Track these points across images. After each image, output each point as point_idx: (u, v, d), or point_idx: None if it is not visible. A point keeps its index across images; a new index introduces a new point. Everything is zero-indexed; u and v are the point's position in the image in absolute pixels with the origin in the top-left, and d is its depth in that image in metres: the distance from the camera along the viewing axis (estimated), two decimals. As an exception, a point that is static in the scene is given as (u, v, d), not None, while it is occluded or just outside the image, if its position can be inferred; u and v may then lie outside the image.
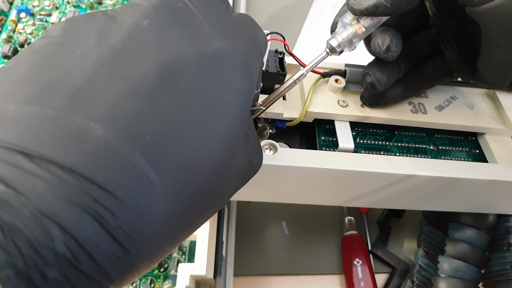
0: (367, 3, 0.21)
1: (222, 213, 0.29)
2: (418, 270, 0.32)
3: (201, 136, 0.14)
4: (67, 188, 0.11)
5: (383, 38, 0.22)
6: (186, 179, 0.13)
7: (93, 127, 0.12)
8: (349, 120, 0.27)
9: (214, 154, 0.14)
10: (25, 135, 0.11)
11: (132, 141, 0.12)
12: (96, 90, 0.12)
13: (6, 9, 0.43)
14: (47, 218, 0.10)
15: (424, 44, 0.26)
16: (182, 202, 0.13)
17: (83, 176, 0.11)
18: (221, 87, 0.15)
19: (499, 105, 0.29)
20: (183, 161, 0.13)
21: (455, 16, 0.24)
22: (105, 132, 0.12)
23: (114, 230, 0.11)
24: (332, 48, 0.23)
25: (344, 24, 0.22)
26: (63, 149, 0.11)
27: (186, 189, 0.13)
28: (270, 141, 0.23)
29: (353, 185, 0.26)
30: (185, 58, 0.14)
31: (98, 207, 0.11)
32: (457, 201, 0.28)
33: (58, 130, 0.11)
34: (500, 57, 0.23)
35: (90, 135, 0.11)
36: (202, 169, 0.14)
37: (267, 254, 0.36)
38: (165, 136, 0.13)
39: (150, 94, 0.13)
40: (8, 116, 0.11)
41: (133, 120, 0.12)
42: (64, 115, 0.12)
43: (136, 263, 0.12)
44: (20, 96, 0.12)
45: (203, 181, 0.14)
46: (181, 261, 0.30)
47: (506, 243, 0.31)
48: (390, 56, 0.23)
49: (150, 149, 0.12)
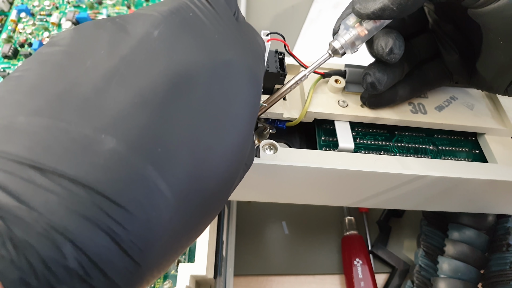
0: (373, 7, 0.21)
1: (222, 213, 0.29)
2: (418, 270, 0.32)
3: (211, 148, 0.14)
4: (79, 203, 0.11)
5: (386, 40, 0.22)
6: (196, 191, 0.13)
7: (105, 139, 0.11)
8: (349, 120, 0.27)
9: (223, 165, 0.14)
10: (37, 148, 0.11)
11: (144, 154, 0.12)
12: (107, 102, 0.12)
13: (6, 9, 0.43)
14: (60, 234, 0.10)
15: (423, 47, 0.26)
16: (190, 212, 0.13)
17: (96, 191, 0.11)
18: (231, 99, 0.15)
19: (499, 106, 0.29)
20: (193, 173, 0.13)
21: (454, 20, 0.24)
22: (117, 144, 0.12)
23: (126, 244, 0.11)
24: (335, 50, 0.23)
25: (347, 27, 0.22)
26: (75, 163, 0.11)
27: (195, 200, 0.13)
28: (270, 141, 0.23)
29: (353, 185, 0.26)
30: (196, 69, 0.14)
31: (111, 222, 0.11)
32: (457, 201, 0.28)
33: (69, 143, 0.11)
34: (499, 60, 0.23)
35: (102, 148, 0.11)
36: (211, 180, 0.14)
37: (267, 254, 0.36)
38: (176, 148, 0.13)
39: (161, 106, 0.13)
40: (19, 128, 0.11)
41: (144, 132, 0.12)
42: (75, 127, 0.12)
43: (146, 275, 0.12)
44: (30, 108, 0.12)
45: (211, 191, 0.14)
46: (181, 261, 0.30)
47: (506, 243, 0.31)
48: (392, 58, 0.23)
49: (161, 161, 0.12)
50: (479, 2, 0.20)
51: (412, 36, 0.26)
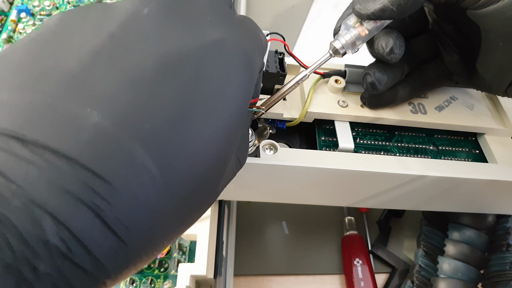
0: (373, 8, 0.21)
1: (222, 213, 0.29)
2: (418, 270, 0.32)
3: (202, 129, 0.13)
4: (61, 176, 0.10)
5: (386, 40, 0.22)
6: (186, 172, 0.13)
7: (90, 114, 0.11)
8: (349, 120, 0.27)
9: (214, 147, 0.14)
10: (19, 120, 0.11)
11: (130, 131, 0.11)
12: (94, 78, 0.12)
13: (6, 9, 0.43)
14: (39, 208, 0.10)
15: (423, 47, 0.27)
16: (181, 195, 0.13)
17: (79, 164, 0.10)
18: (223, 81, 0.14)
19: (498, 106, 0.29)
20: (183, 153, 0.13)
21: (454, 20, 0.24)
22: (103, 119, 0.11)
23: (111, 221, 0.11)
24: (335, 50, 0.23)
25: (348, 27, 0.22)
26: (58, 135, 0.11)
27: (185, 182, 0.13)
28: (270, 141, 0.23)
29: (353, 185, 0.26)
30: (186, 48, 0.14)
31: (94, 197, 0.10)
32: (457, 201, 0.28)
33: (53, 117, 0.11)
34: (498, 61, 0.23)
35: (87, 122, 0.11)
36: (201, 162, 0.14)
37: (267, 254, 0.36)
38: (165, 127, 0.12)
39: (150, 84, 0.12)
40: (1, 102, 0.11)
41: (132, 109, 0.12)
42: (60, 101, 0.11)
43: (133, 257, 0.12)
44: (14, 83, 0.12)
45: (202, 174, 0.14)
46: (181, 261, 0.30)
47: (505, 243, 0.31)
48: (393, 58, 0.23)
49: (149, 139, 0.12)
50: (478, 4, 0.20)
51: (412, 37, 0.26)
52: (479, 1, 0.20)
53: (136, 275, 0.29)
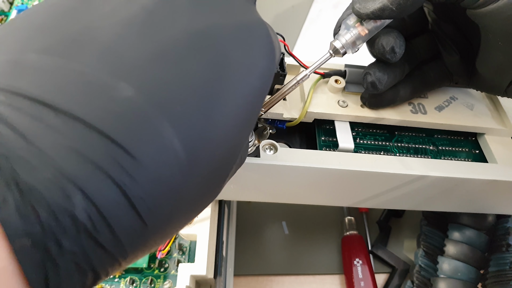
0: (373, 7, 0.21)
1: (222, 213, 0.29)
2: (418, 270, 0.32)
3: (226, 113, 0.13)
4: (92, 150, 0.10)
5: (387, 40, 0.22)
6: (207, 155, 0.13)
7: (122, 87, 0.11)
8: (349, 120, 0.27)
9: (233, 133, 0.14)
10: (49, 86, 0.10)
11: (162, 108, 0.11)
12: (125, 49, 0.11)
13: (6, 9, 0.43)
14: (70, 182, 0.09)
15: (423, 47, 0.27)
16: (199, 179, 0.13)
17: (110, 138, 0.10)
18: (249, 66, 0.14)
19: (498, 106, 0.29)
20: (207, 136, 0.12)
21: (454, 20, 0.24)
22: (136, 94, 0.11)
23: (136, 200, 0.10)
24: (336, 49, 0.23)
25: (348, 26, 0.22)
26: (90, 106, 0.10)
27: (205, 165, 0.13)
28: (270, 141, 0.23)
29: (353, 186, 0.26)
30: (218, 29, 0.13)
31: (122, 174, 0.10)
32: (457, 201, 0.28)
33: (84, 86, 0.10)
34: (498, 60, 0.23)
35: (119, 94, 0.10)
36: (221, 147, 0.13)
37: (267, 254, 0.36)
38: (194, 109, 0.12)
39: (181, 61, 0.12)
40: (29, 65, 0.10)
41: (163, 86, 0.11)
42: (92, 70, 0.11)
43: (150, 239, 0.12)
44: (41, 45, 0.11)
45: (219, 160, 0.14)
46: (181, 261, 0.30)
47: (505, 244, 0.31)
48: (393, 57, 0.23)
49: (178, 119, 0.11)
50: (478, 3, 0.20)
51: (412, 37, 0.26)
52: (478, 0, 0.20)
53: (136, 275, 0.29)
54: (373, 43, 0.24)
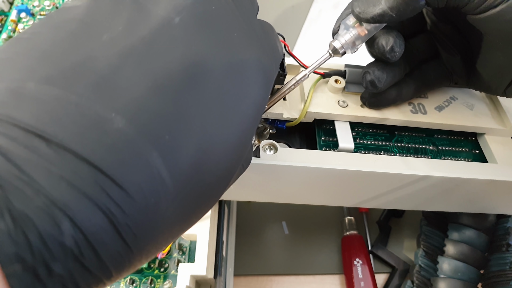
0: (373, 13, 0.21)
1: (222, 213, 0.29)
2: (418, 270, 0.32)
3: (216, 143, 0.14)
4: (82, 180, 0.10)
5: (387, 39, 0.23)
6: (195, 183, 0.13)
7: (115, 119, 0.11)
8: (349, 120, 0.27)
9: (224, 161, 0.14)
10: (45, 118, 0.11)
11: (151, 139, 0.12)
12: (121, 81, 0.12)
13: (7, 9, 0.43)
14: (59, 210, 0.10)
15: (422, 47, 0.27)
16: (186, 204, 0.13)
17: (99, 169, 0.11)
18: (242, 97, 0.15)
19: (498, 106, 0.29)
20: (196, 165, 0.13)
21: (452, 21, 0.24)
22: (127, 126, 0.11)
23: (122, 228, 0.11)
24: (335, 49, 0.23)
25: (347, 26, 0.23)
26: (82, 138, 0.11)
27: (193, 192, 0.13)
28: (270, 141, 0.23)
29: (353, 186, 0.26)
30: (212, 62, 0.14)
31: (110, 203, 0.11)
32: (457, 201, 0.28)
33: (78, 118, 0.11)
34: (498, 61, 0.23)
35: (111, 127, 0.11)
36: (211, 174, 0.14)
37: (267, 254, 0.36)
38: (184, 139, 0.13)
39: (175, 94, 0.13)
40: (28, 95, 0.11)
41: (155, 117, 0.12)
42: (86, 102, 0.11)
43: (135, 261, 0.12)
44: (41, 75, 0.11)
45: (210, 186, 0.14)
46: (181, 261, 0.30)
47: (505, 243, 0.31)
48: (393, 57, 0.23)
49: (167, 149, 0.12)
50: (479, 9, 0.20)
51: (410, 36, 0.26)
52: (480, 6, 0.20)
53: (136, 275, 0.29)
54: (372, 43, 0.24)
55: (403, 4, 0.20)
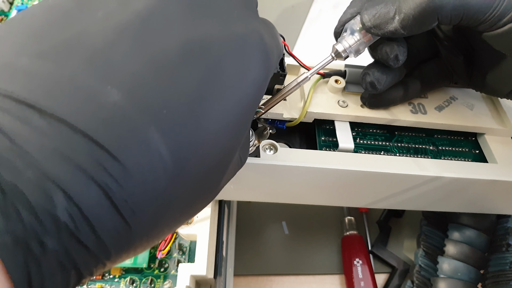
0: (385, 30, 0.21)
1: (222, 213, 0.29)
2: (418, 270, 0.32)
3: (216, 120, 0.13)
4: (76, 152, 0.10)
5: (391, 47, 0.22)
6: (195, 162, 0.13)
7: (110, 92, 0.11)
8: (349, 120, 0.27)
9: (224, 140, 0.14)
10: (37, 90, 0.10)
11: (149, 114, 0.11)
12: (117, 56, 0.12)
13: (6, 9, 0.43)
14: (52, 182, 0.10)
15: (422, 47, 0.26)
16: (187, 184, 0.13)
17: (94, 141, 0.10)
18: (241, 74, 0.14)
19: (498, 106, 0.29)
20: (196, 143, 0.13)
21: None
22: (122, 99, 0.11)
23: (119, 203, 0.11)
24: (338, 53, 0.23)
25: (353, 31, 0.22)
26: (76, 110, 0.10)
27: (193, 171, 0.13)
28: (270, 141, 0.23)
29: (352, 186, 0.26)
30: (211, 38, 0.14)
31: (106, 177, 0.10)
32: (457, 201, 0.28)
33: (72, 91, 0.11)
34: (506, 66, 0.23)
35: (106, 100, 0.11)
36: (211, 153, 0.13)
37: (267, 254, 0.36)
38: (182, 114, 0.12)
39: (172, 69, 0.12)
40: (20, 68, 0.11)
41: (152, 92, 0.12)
42: (81, 75, 0.11)
43: (135, 241, 0.12)
44: (33, 50, 0.11)
45: (210, 166, 0.14)
46: (181, 261, 0.30)
47: (505, 243, 0.31)
48: (396, 64, 0.23)
49: (165, 125, 0.12)
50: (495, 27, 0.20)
51: (410, 36, 0.26)
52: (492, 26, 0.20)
53: (136, 275, 0.29)
54: (375, 48, 0.23)
55: (416, 25, 0.20)
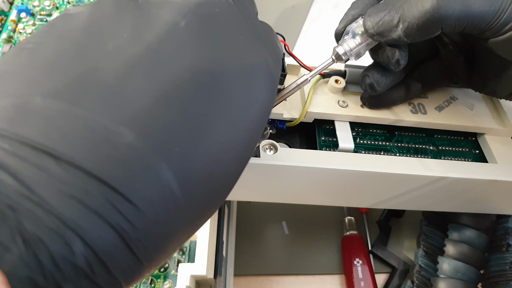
0: (388, 37, 0.21)
1: (222, 213, 0.29)
2: (418, 270, 0.32)
3: (225, 151, 0.13)
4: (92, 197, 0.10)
5: (392, 51, 0.22)
6: (204, 192, 0.13)
7: (124, 132, 0.11)
8: (349, 120, 0.27)
9: (231, 169, 0.14)
10: (53, 134, 0.10)
11: (160, 152, 0.11)
12: (129, 92, 0.12)
13: (6, 9, 0.43)
14: (71, 230, 0.10)
15: (422, 47, 0.26)
16: (195, 214, 0.13)
17: (109, 185, 0.10)
18: (250, 103, 0.14)
19: (498, 106, 0.29)
20: (205, 175, 0.13)
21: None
22: (136, 139, 0.11)
23: (133, 242, 0.11)
24: (338, 56, 0.23)
25: (354, 34, 0.22)
26: (91, 154, 0.10)
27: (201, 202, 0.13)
28: (270, 141, 0.23)
29: (352, 186, 0.26)
30: (220, 68, 0.14)
31: (121, 219, 0.11)
32: (457, 201, 0.28)
33: (87, 133, 0.11)
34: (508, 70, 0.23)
35: (120, 141, 0.11)
36: (219, 183, 0.14)
37: (267, 254, 0.36)
38: (193, 149, 0.12)
39: (183, 103, 0.12)
40: (35, 110, 0.11)
41: (164, 129, 0.12)
42: (94, 116, 0.11)
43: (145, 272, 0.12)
44: (47, 88, 0.11)
45: (217, 194, 0.14)
46: (181, 261, 0.30)
47: (505, 244, 0.31)
48: (397, 68, 0.23)
49: (177, 161, 0.12)
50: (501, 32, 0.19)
51: None
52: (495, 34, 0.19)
53: (136, 275, 0.29)
54: (377, 51, 0.23)
55: (420, 34, 0.20)
